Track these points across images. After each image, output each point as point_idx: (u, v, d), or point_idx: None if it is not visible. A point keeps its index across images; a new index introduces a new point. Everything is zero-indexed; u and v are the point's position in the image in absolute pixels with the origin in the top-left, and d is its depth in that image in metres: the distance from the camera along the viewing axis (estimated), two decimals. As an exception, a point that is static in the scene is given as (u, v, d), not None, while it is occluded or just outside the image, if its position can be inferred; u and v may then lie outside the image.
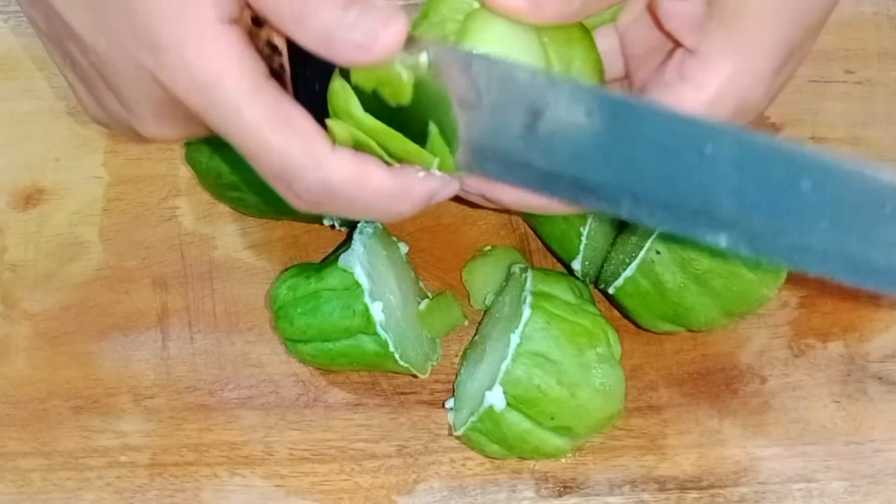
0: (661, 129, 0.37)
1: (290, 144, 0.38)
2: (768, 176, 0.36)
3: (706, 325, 0.51)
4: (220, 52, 0.37)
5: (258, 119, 0.38)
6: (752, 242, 0.38)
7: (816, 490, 0.50)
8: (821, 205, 0.36)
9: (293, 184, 0.39)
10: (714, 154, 0.36)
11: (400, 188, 0.40)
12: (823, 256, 0.37)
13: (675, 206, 0.38)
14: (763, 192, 0.36)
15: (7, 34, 0.61)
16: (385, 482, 0.51)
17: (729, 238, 0.38)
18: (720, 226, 0.38)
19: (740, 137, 0.36)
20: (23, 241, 0.56)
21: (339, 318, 0.49)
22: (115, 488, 0.51)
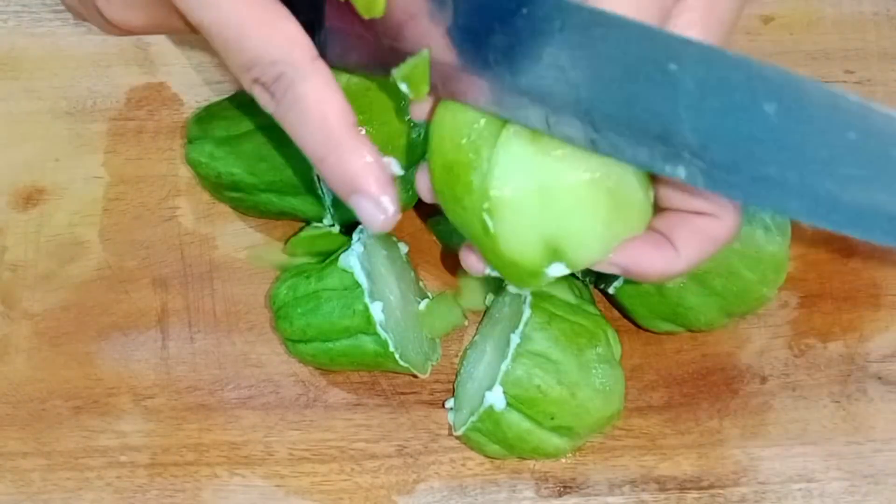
0: (624, 42, 0.35)
1: (270, 39, 0.37)
2: (731, 98, 0.34)
3: (706, 326, 0.51)
4: None
5: (241, 7, 0.37)
6: (710, 174, 0.35)
7: (816, 490, 0.50)
8: (783, 131, 0.34)
9: (259, 75, 0.38)
10: (678, 73, 0.34)
11: (344, 137, 0.39)
12: (783, 190, 0.35)
13: (633, 131, 0.36)
14: (725, 117, 0.34)
15: (7, 34, 0.61)
16: (385, 482, 0.51)
17: (687, 170, 0.36)
18: (679, 155, 0.35)
19: (706, 54, 0.34)
20: (23, 241, 0.56)
21: (339, 318, 0.49)
22: (115, 488, 0.51)
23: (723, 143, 0.35)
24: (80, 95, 0.59)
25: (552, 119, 0.37)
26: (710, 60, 0.34)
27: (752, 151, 0.34)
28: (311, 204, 0.53)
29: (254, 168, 0.53)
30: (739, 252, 0.49)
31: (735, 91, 0.34)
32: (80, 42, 0.61)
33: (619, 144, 0.36)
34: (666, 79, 0.35)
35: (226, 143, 0.53)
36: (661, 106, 0.35)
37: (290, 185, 0.53)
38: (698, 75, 0.34)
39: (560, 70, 0.36)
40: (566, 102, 0.37)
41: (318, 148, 0.39)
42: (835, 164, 0.34)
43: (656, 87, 0.35)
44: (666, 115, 0.35)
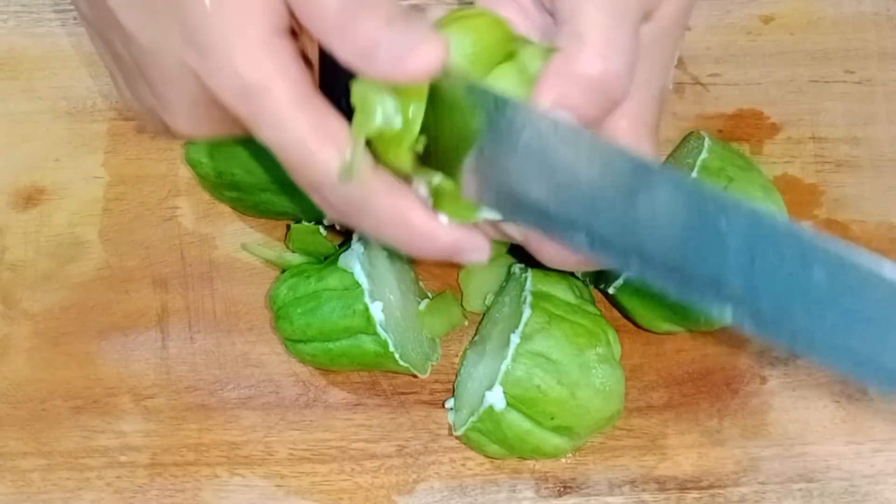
0: (677, 195, 0.36)
1: (333, 159, 0.38)
2: (780, 259, 0.35)
3: (706, 325, 0.51)
4: (270, 60, 0.37)
5: (304, 130, 0.38)
6: (758, 322, 0.36)
7: (816, 490, 0.50)
8: (831, 297, 0.35)
9: (329, 196, 0.39)
10: (727, 229, 0.35)
11: (429, 229, 0.40)
12: (829, 349, 0.36)
13: (683, 273, 0.37)
14: (773, 275, 0.35)
15: (7, 34, 0.61)
16: (385, 482, 0.51)
17: (735, 313, 0.37)
18: (727, 300, 0.37)
19: (756, 215, 0.35)
20: (23, 241, 0.56)
21: (339, 318, 0.49)
22: (115, 488, 0.51)
23: (770, 299, 0.36)
24: (80, 95, 0.59)
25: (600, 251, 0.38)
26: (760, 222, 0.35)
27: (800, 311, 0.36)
28: (312, 204, 0.53)
29: (254, 168, 0.53)
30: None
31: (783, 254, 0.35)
32: (80, 42, 0.61)
33: (667, 281, 0.37)
34: (715, 232, 0.36)
35: (226, 143, 0.53)
36: (710, 255, 0.36)
37: (290, 185, 0.52)
38: (747, 235, 0.35)
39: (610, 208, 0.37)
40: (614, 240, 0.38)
41: (410, 245, 0.40)
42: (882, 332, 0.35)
43: (706, 238, 0.36)
44: (715, 265, 0.36)
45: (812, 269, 0.35)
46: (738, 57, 0.61)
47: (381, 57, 0.36)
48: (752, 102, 0.60)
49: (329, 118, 0.38)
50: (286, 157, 0.39)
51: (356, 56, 0.37)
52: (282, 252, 0.54)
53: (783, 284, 0.35)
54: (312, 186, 0.39)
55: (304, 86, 0.38)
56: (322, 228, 0.53)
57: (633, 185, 0.37)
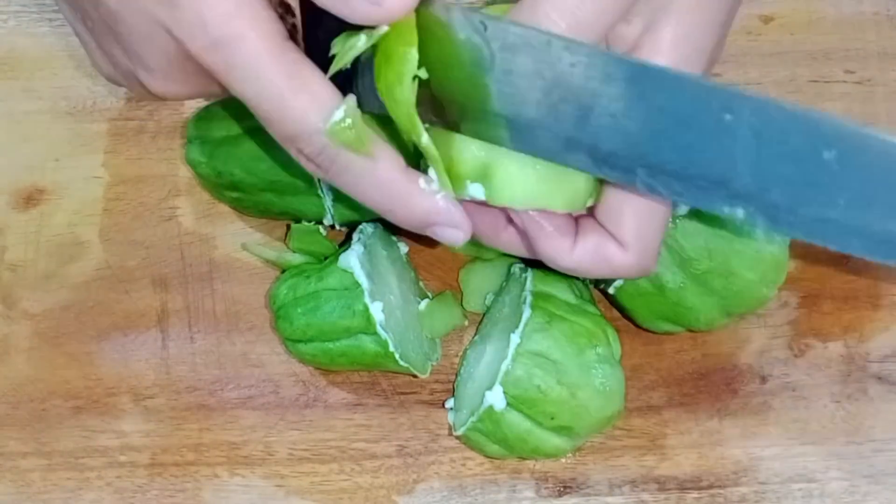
0: (678, 95, 0.36)
1: (309, 108, 0.38)
2: (789, 145, 0.35)
3: (706, 325, 0.51)
4: (240, 10, 0.37)
5: (278, 81, 0.37)
6: (770, 215, 0.36)
7: (816, 490, 0.50)
8: (843, 176, 0.35)
9: (306, 147, 0.38)
10: (733, 123, 0.35)
11: (405, 189, 0.39)
12: (844, 231, 0.36)
13: (691, 178, 0.37)
14: (783, 163, 0.35)
15: (7, 34, 0.61)
16: (385, 482, 0.51)
17: (746, 211, 0.37)
18: (738, 198, 0.36)
19: (761, 105, 0.35)
20: (23, 241, 0.56)
21: (339, 318, 0.49)
22: (115, 488, 0.51)
23: (781, 188, 0.36)
24: (80, 95, 0.59)
25: (605, 167, 0.38)
26: (766, 110, 0.35)
27: (812, 196, 0.35)
28: (311, 204, 0.53)
29: (254, 168, 0.53)
30: (739, 252, 0.49)
31: (792, 139, 0.35)
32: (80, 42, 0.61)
33: (676, 188, 0.37)
34: (722, 128, 0.35)
35: (226, 143, 0.53)
36: (718, 154, 0.36)
37: (290, 185, 0.53)
38: (754, 125, 0.35)
39: (613, 120, 0.37)
40: (619, 152, 0.37)
41: (382, 204, 0.40)
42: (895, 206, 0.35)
43: (713, 136, 0.36)
44: (723, 163, 0.36)
45: (822, 151, 0.35)
46: (738, 57, 0.61)
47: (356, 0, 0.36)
48: (752, 102, 0.60)
49: (304, 67, 0.38)
50: (261, 108, 0.38)
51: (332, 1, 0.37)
52: (282, 252, 0.54)
53: (794, 171, 0.35)
54: (288, 138, 0.39)
55: (277, 35, 0.38)
56: (322, 228, 0.53)
57: (632, 92, 0.36)
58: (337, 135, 0.38)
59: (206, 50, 0.37)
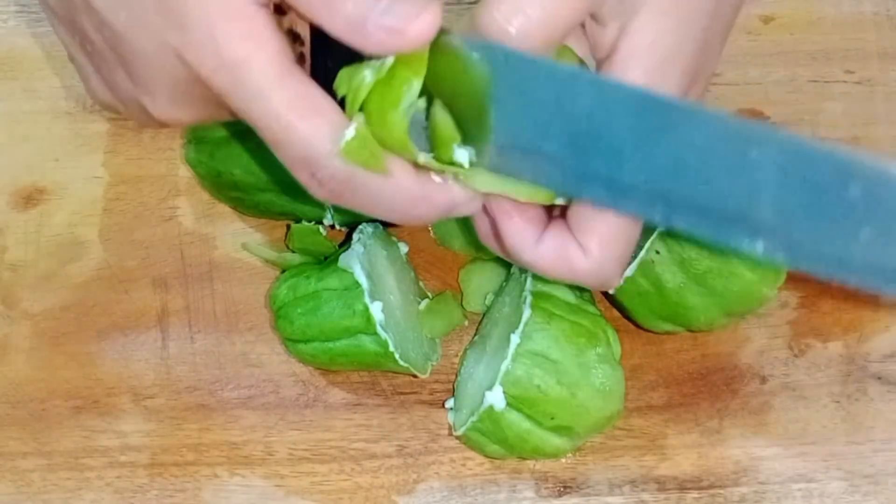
0: (701, 130, 0.36)
1: (318, 131, 0.37)
2: (813, 180, 0.35)
3: (706, 325, 0.51)
4: (250, 33, 0.37)
5: (286, 103, 0.37)
6: (791, 251, 0.36)
7: (816, 490, 0.50)
8: (866, 212, 0.35)
9: (317, 171, 0.38)
10: (758, 158, 0.35)
11: (422, 191, 0.39)
12: (864, 267, 0.36)
13: (712, 212, 0.36)
14: (806, 198, 0.35)
15: (7, 34, 0.61)
16: (385, 482, 0.51)
17: (766, 246, 0.36)
18: (758, 232, 0.36)
19: (787, 141, 0.35)
20: (23, 241, 0.56)
21: (339, 318, 0.49)
22: (115, 488, 0.51)
23: (804, 223, 0.35)
24: (80, 95, 0.59)
25: (622, 200, 0.38)
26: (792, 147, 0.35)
27: (835, 232, 0.35)
28: (312, 204, 0.53)
29: (254, 168, 0.53)
30: (739, 252, 0.49)
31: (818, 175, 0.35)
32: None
33: (695, 222, 0.37)
34: (746, 164, 0.35)
35: (226, 143, 0.53)
36: (741, 190, 0.36)
37: (290, 185, 0.52)
38: (779, 162, 0.35)
39: (634, 154, 0.37)
40: (639, 185, 0.37)
41: (401, 213, 0.40)
42: None
43: (737, 171, 0.35)
44: (746, 199, 0.36)
45: (847, 186, 0.34)
46: (738, 57, 0.61)
47: (372, 28, 0.36)
48: (752, 102, 0.60)
49: (311, 91, 0.38)
50: (268, 132, 0.38)
51: (345, 30, 0.36)
52: (282, 252, 0.54)
53: (817, 206, 0.35)
54: (298, 162, 0.38)
55: (285, 59, 0.37)
56: (322, 228, 0.53)
57: (655, 126, 0.36)
58: (351, 154, 0.37)
59: (215, 72, 0.37)
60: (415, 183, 0.39)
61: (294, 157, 0.38)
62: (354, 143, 0.37)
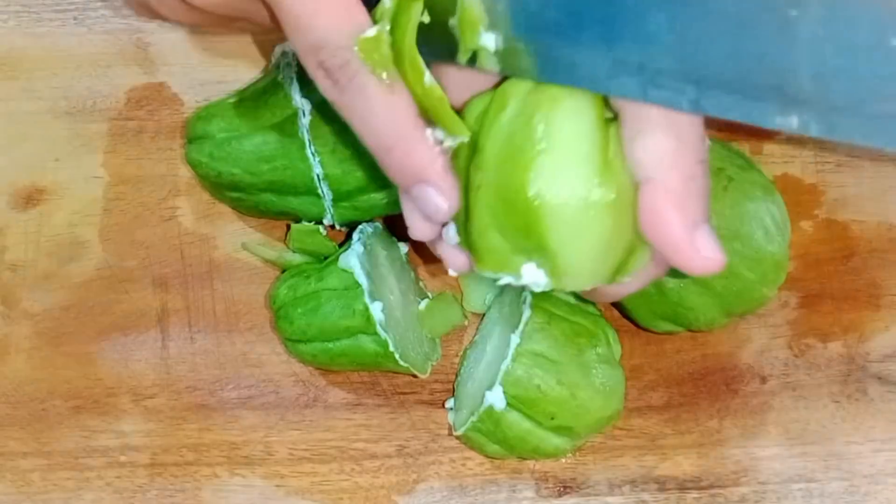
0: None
1: (343, 22, 0.37)
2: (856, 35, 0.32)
3: (706, 325, 0.51)
4: None
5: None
6: (828, 121, 0.34)
7: (816, 490, 0.50)
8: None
9: (327, 59, 0.38)
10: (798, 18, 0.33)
11: (410, 128, 0.38)
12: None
13: (746, 89, 0.34)
14: (848, 56, 0.33)
15: (7, 34, 0.61)
16: (385, 482, 0.51)
17: (801, 119, 0.34)
18: (793, 105, 0.34)
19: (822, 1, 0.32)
20: (23, 241, 0.56)
21: (339, 317, 0.49)
22: (115, 488, 0.51)
23: (843, 84, 0.33)
24: (80, 95, 0.59)
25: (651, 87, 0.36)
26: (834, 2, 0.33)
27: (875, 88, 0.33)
28: (311, 204, 0.53)
29: (254, 168, 0.53)
30: (740, 252, 0.49)
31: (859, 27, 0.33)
32: (80, 42, 0.61)
33: (727, 103, 0.35)
34: (784, 27, 0.33)
35: (226, 143, 0.53)
36: (777, 57, 0.34)
37: (290, 185, 0.53)
38: (819, 17, 0.33)
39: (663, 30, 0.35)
40: (669, 67, 0.35)
41: (384, 139, 0.39)
42: None
43: (773, 38, 0.33)
44: (782, 67, 0.34)
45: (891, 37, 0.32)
46: (738, 57, 0.61)
47: None
48: (752, 102, 0.60)
49: None
50: (292, 13, 0.38)
51: None
52: (282, 252, 0.54)
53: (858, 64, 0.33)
54: (312, 47, 0.38)
55: None
56: (322, 228, 0.53)
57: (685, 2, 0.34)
58: (365, 49, 0.37)
59: None
60: (409, 116, 0.38)
61: (311, 41, 0.38)
62: (371, 41, 0.37)
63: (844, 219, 0.56)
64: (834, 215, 0.56)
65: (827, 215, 0.56)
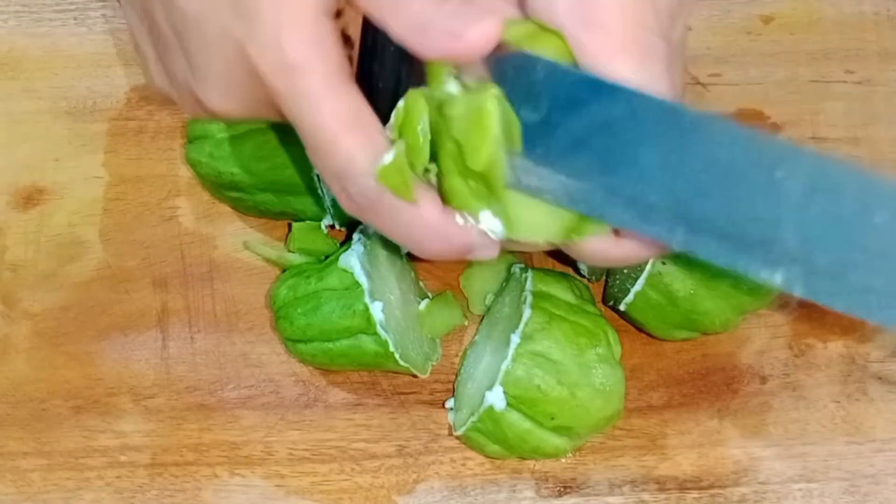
0: (728, 147, 0.35)
1: (360, 149, 0.38)
2: (840, 206, 0.34)
3: (722, 327, 0.51)
4: (316, 41, 0.37)
5: (336, 116, 0.38)
6: (811, 282, 0.35)
7: (816, 490, 0.50)
8: (892, 242, 0.33)
9: (349, 186, 0.39)
10: (784, 179, 0.34)
11: (443, 227, 0.39)
12: (887, 301, 0.34)
13: (733, 237, 0.35)
14: (832, 225, 0.34)
15: (7, 34, 0.61)
16: (385, 482, 0.51)
17: (786, 277, 0.35)
18: (779, 262, 0.35)
19: (814, 162, 0.34)
20: (23, 241, 0.56)
21: (339, 317, 0.49)
22: (115, 488, 0.51)
23: (827, 250, 0.34)
24: (80, 95, 0.59)
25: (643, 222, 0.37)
26: (820, 168, 0.34)
27: (858, 261, 0.34)
28: (311, 204, 0.53)
29: (254, 168, 0.53)
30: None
31: (844, 199, 0.34)
32: (80, 42, 0.61)
33: (714, 248, 0.36)
34: (771, 185, 0.34)
35: (226, 143, 0.53)
36: (764, 212, 0.35)
37: (290, 185, 0.53)
38: (805, 183, 0.34)
39: (659, 171, 0.36)
40: (661, 205, 0.36)
41: (423, 243, 0.40)
42: None
43: (760, 193, 0.35)
44: (768, 222, 0.35)
45: (874, 213, 0.33)
46: (738, 57, 0.61)
47: (435, 30, 0.36)
48: (752, 102, 0.60)
49: (362, 108, 0.38)
50: (313, 140, 0.39)
51: (409, 31, 0.37)
52: (282, 251, 0.54)
53: (842, 234, 0.34)
54: (333, 174, 0.39)
55: (343, 72, 0.38)
56: (322, 227, 0.53)
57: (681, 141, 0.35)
58: (385, 178, 0.38)
59: (274, 72, 0.38)
60: (438, 218, 0.39)
61: (331, 168, 0.39)
62: (390, 169, 0.38)
63: (844, 219, 0.56)
64: (834, 215, 0.56)
65: (827, 215, 0.56)
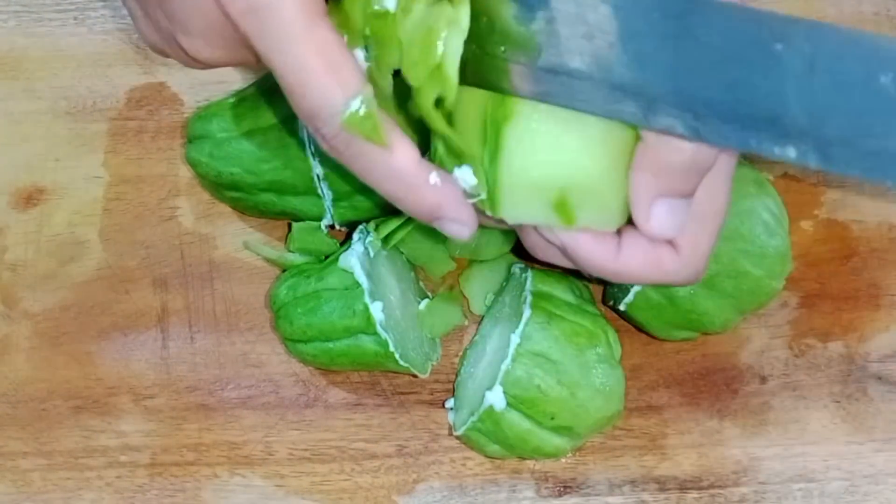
0: (725, 27, 0.35)
1: (332, 89, 0.38)
2: (844, 72, 0.33)
3: (722, 327, 0.51)
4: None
5: (308, 56, 0.37)
6: (824, 153, 0.35)
7: (816, 490, 0.50)
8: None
9: (322, 127, 0.39)
10: (784, 52, 0.34)
11: (415, 179, 0.39)
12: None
13: (740, 118, 0.35)
14: (838, 93, 0.34)
15: (7, 34, 0.61)
16: (385, 482, 0.51)
17: (798, 150, 0.35)
18: (789, 136, 0.35)
19: (813, 30, 0.34)
20: (23, 241, 0.56)
21: (339, 317, 0.49)
22: (115, 488, 0.51)
23: (836, 119, 0.34)
24: (80, 95, 0.59)
25: (651, 114, 0.37)
26: (818, 36, 0.34)
27: (869, 125, 0.34)
28: (311, 204, 0.53)
29: (254, 168, 0.53)
30: (744, 251, 0.49)
31: (847, 65, 0.33)
32: (80, 42, 0.61)
33: (724, 131, 0.36)
34: (772, 60, 0.34)
35: (226, 143, 0.53)
36: (768, 88, 0.34)
37: (290, 185, 0.53)
38: (806, 53, 0.34)
39: (659, 61, 0.36)
40: (666, 94, 0.36)
41: (392, 192, 0.40)
42: None
43: (762, 70, 0.34)
44: (774, 97, 0.34)
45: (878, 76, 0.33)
46: (738, 57, 0.61)
47: None
48: (752, 102, 0.60)
49: (336, 47, 0.38)
50: (286, 80, 0.38)
51: None
52: (282, 251, 0.54)
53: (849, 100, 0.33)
54: (307, 115, 0.39)
55: (315, 9, 0.38)
56: (322, 227, 0.53)
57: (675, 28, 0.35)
58: (352, 125, 0.38)
59: (243, 14, 0.38)
60: (411, 168, 0.39)
61: (306, 107, 0.39)
62: (356, 117, 0.38)
63: (844, 219, 0.56)
64: (834, 215, 0.56)
65: (827, 215, 0.56)
